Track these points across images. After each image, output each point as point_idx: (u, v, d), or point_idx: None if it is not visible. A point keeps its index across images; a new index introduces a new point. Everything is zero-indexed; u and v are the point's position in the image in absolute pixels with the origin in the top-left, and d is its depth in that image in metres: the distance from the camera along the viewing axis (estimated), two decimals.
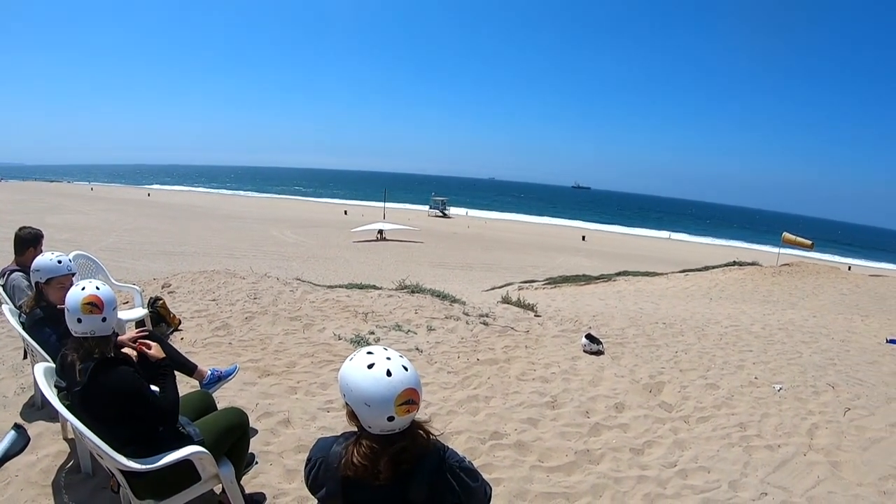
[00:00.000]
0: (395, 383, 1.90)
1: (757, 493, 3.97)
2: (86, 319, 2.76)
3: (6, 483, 3.41)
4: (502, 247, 48.44)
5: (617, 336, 7.84)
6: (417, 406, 1.97)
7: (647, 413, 5.23)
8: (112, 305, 2.86)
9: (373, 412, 1.92)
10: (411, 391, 1.92)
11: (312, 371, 5.69)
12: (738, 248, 64.69)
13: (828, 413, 5.52)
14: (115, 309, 2.89)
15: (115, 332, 3.17)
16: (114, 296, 2.91)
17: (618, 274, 19.72)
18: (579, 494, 3.82)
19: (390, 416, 1.91)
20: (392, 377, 1.91)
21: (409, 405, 1.93)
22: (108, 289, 2.90)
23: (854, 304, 13.79)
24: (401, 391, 1.90)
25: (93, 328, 2.79)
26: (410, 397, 1.92)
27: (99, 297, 2.80)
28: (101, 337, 2.83)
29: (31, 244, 4.80)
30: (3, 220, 33.42)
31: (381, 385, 1.90)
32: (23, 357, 5.06)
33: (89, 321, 2.77)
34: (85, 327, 2.78)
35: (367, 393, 1.91)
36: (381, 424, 1.94)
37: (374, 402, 1.91)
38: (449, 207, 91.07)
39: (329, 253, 36.31)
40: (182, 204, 73.06)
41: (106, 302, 2.82)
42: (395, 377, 1.91)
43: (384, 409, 1.90)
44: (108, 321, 2.84)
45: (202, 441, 2.90)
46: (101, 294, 2.82)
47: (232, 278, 9.22)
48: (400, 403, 1.90)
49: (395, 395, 1.89)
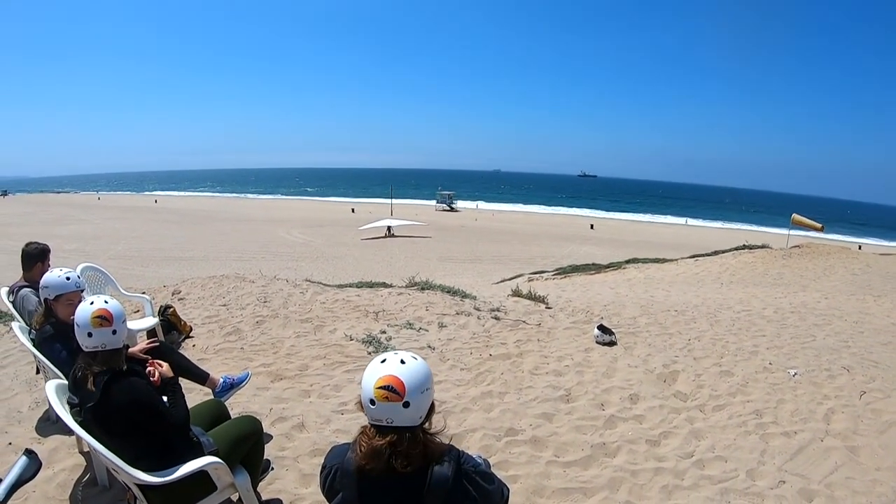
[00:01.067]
0: (382, 368, 1.99)
1: (775, 481, 3.94)
2: (96, 333, 2.76)
3: (24, 499, 3.43)
4: (511, 238, 48.38)
5: (629, 325, 7.81)
6: (399, 398, 1.97)
7: (663, 403, 5.20)
8: (121, 318, 2.86)
9: (363, 395, 2.01)
10: (392, 378, 1.97)
11: (325, 373, 5.68)
12: (747, 231, 64.41)
13: (843, 397, 5.49)
14: (125, 321, 2.89)
15: (126, 344, 3.17)
16: (122, 309, 2.91)
17: (627, 261, 19.62)
18: (596, 489, 3.81)
19: (371, 398, 1.97)
20: (383, 364, 2.01)
21: (387, 391, 1.96)
22: (117, 302, 2.91)
23: (866, 284, 13.67)
24: (382, 375, 1.97)
25: (103, 342, 2.79)
26: (390, 384, 1.96)
27: (108, 311, 2.80)
28: (112, 350, 2.83)
29: (38, 259, 4.79)
30: (12, 233, 33.67)
31: (371, 371, 2.00)
32: (36, 372, 5.08)
33: (99, 335, 2.77)
34: (96, 341, 2.78)
35: (363, 379, 2.01)
36: (368, 410, 2.01)
37: (363, 383, 2.01)
38: (456, 201, 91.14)
39: (338, 252, 36.38)
40: (189, 209, 73.35)
41: (115, 315, 2.82)
42: (386, 364, 2.00)
43: (367, 392, 1.98)
44: (118, 334, 2.84)
45: (216, 451, 2.90)
46: (110, 307, 2.83)
47: (242, 282, 9.23)
48: (378, 386, 1.95)
49: (377, 377, 1.97)
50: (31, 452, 1.87)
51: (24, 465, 1.84)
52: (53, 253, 5.03)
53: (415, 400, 1.98)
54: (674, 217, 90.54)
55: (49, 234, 36.30)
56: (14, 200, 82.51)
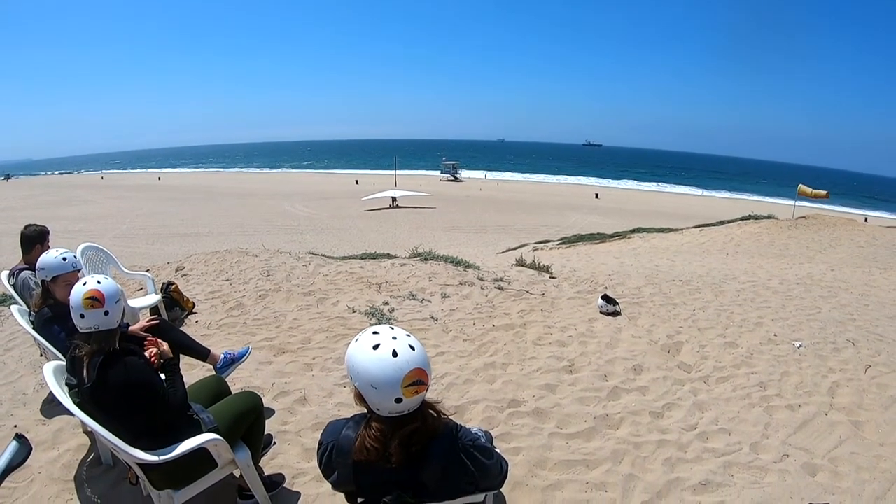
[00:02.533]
0: (402, 364, 1.86)
1: (779, 454, 3.92)
2: (88, 315, 2.73)
3: (30, 481, 3.45)
4: (515, 208, 48.29)
5: (633, 296, 7.78)
6: (426, 386, 1.93)
7: (666, 374, 5.18)
8: (114, 298, 2.81)
9: (380, 394, 1.89)
10: (419, 371, 1.89)
11: (328, 346, 5.68)
12: (753, 201, 64.11)
13: (848, 371, 5.45)
14: (119, 301, 2.83)
15: (127, 323, 3.15)
16: (117, 288, 2.87)
17: (632, 231, 19.55)
18: (599, 461, 3.80)
19: (398, 397, 1.88)
20: (398, 358, 1.87)
21: (416, 386, 1.89)
22: (112, 282, 2.86)
23: (872, 256, 13.59)
24: (407, 372, 1.86)
25: (96, 323, 2.75)
26: (418, 378, 1.89)
27: (99, 291, 2.76)
28: (106, 331, 2.79)
29: (37, 241, 4.77)
30: (16, 216, 33.67)
31: (387, 366, 1.86)
32: (40, 354, 5.10)
33: (92, 316, 2.73)
34: (88, 322, 2.74)
35: (373, 375, 1.87)
36: (389, 406, 1.91)
37: (381, 384, 1.87)
38: (461, 171, 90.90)
39: (342, 224, 36.40)
40: (193, 185, 73.36)
41: (107, 295, 2.77)
42: (402, 357, 1.87)
43: (391, 392, 1.87)
44: (111, 315, 2.79)
45: (216, 428, 2.88)
46: (102, 288, 2.78)
47: (245, 257, 9.22)
48: (407, 385, 1.87)
49: (402, 377, 1.86)
50: (22, 437, 1.85)
51: (14, 451, 1.82)
52: (60, 234, 5.00)
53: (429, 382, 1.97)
54: (681, 186, 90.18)
55: (54, 215, 36.40)
56: (17, 184, 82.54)
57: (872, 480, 3.69)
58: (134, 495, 3.33)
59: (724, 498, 3.45)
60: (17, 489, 3.37)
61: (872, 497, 3.52)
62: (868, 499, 3.51)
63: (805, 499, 3.41)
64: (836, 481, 3.68)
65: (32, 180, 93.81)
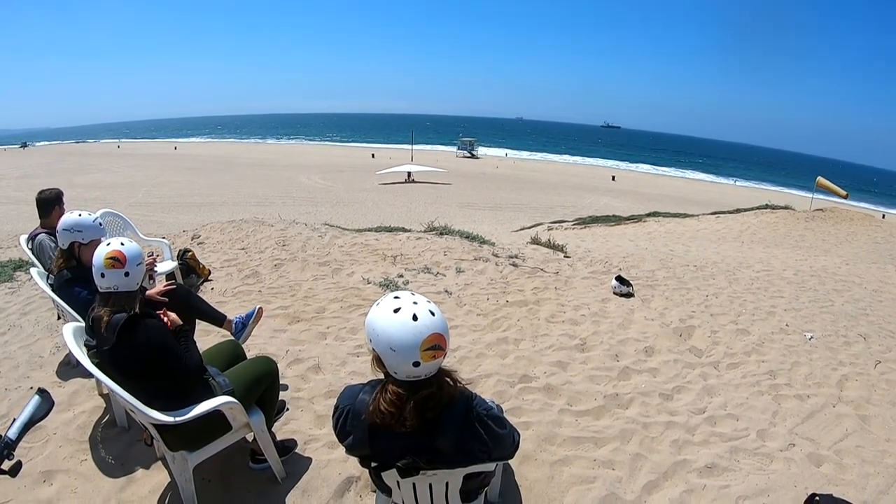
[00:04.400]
0: (421, 328, 1.89)
1: (785, 443, 3.93)
2: (108, 274, 2.76)
3: (45, 441, 3.52)
4: (531, 187, 48.15)
5: (647, 278, 7.79)
6: (444, 352, 1.96)
7: (677, 358, 5.19)
8: (136, 261, 2.84)
9: (398, 357, 1.91)
10: (437, 336, 1.91)
11: (342, 316, 5.73)
12: (770, 191, 63.46)
13: (858, 365, 5.44)
14: (140, 264, 2.87)
15: (144, 287, 3.18)
16: (139, 251, 2.90)
17: (648, 215, 19.47)
18: (608, 439, 3.83)
19: (416, 361, 1.91)
20: (418, 322, 1.90)
21: (434, 350, 1.91)
22: (134, 245, 2.89)
23: (888, 253, 13.45)
24: (427, 336, 1.89)
25: (116, 283, 2.79)
26: (436, 342, 1.91)
27: (121, 252, 2.79)
28: (126, 293, 2.82)
29: (55, 203, 4.83)
30: (33, 184, 33.93)
31: (406, 329, 1.89)
32: (57, 318, 5.17)
33: (112, 276, 2.77)
34: (109, 282, 2.77)
35: (393, 338, 1.90)
36: (407, 370, 1.94)
37: (400, 346, 1.90)
38: (478, 148, 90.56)
39: (358, 197, 36.44)
40: (209, 155, 73.56)
41: (130, 257, 2.80)
42: (422, 322, 1.90)
43: (410, 355, 1.90)
44: (131, 276, 2.82)
45: (232, 391, 2.92)
46: (125, 249, 2.81)
47: (261, 226, 9.27)
48: (426, 349, 1.89)
49: (421, 340, 1.89)
50: (44, 391, 1.89)
51: (36, 405, 1.86)
52: (75, 201, 5.05)
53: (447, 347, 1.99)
54: (699, 173, 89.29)
55: (70, 183, 36.66)
56: (34, 151, 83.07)
57: (876, 474, 3.70)
58: (148, 456, 3.41)
59: (728, 482, 3.47)
60: (33, 448, 3.44)
61: (876, 491, 3.53)
62: (871, 492, 3.51)
63: (809, 488, 3.41)
64: (841, 473, 3.69)
65: (48, 148, 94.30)
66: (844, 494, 3.33)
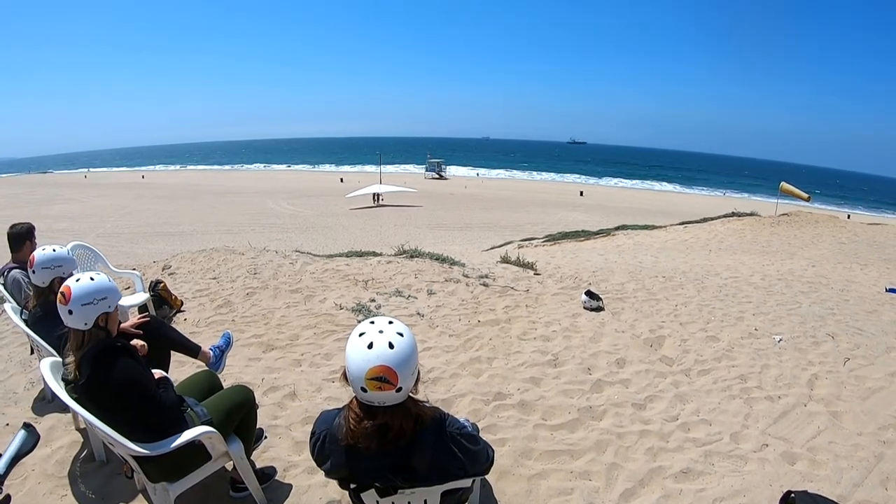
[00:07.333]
0: (370, 357, 1.91)
1: (758, 444, 4.02)
2: (61, 310, 2.70)
3: (24, 478, 3.47)
4: (500, 205, 48.43)
5: (617, 291, 7.89)
6: (393, 386, 1.94)
7: (649, 367, 5.27)
8: (83, 301, 2.70)
9: (351, 379, 1.97)
10: (384, 369, 1.91)
11: (316, 342, 5.74)
12: (736, 198, 64.60)
13: (828, 363, 5.56)
14: (88, 305, 2.72)
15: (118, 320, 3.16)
16: (96, 290, 2.76)
17: (617, 228, 19.69)
18: (583, 451, 3.88)
19: (362, 387, 1.94)
20: (371, 351, 1.92)
21: (380, 382, 1.92)
22: (93, 284, 2.77)
23: (853, 252, 13.77)
24: (372, 367, 1.90)
25: (65, 320, 2.72)
26: (382, 374, 1.91)
27: (69, 288, 2.70)
28: (76, 331, 2.75)
29: (26, 238, 4.77)
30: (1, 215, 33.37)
31: (359, 355, 1.93)
32: (30, 353, 5.09)
33: (62, 311, 2.71)
34: (63, 319, 2.72)
35: (349, 359, 1.95)
36: (359, 394, 1.99)
37: (351, 370, 1.95)
38: (446, 168, 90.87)
39: (327, 221, 36.38)
40: (177, 183, 72.89)
41: (76, 296, 2.68)
42: (374, 352, 1.92)
43: (357, 380, 1.94)
44: (75, 315, 2.69)
45: (210, 421, 2.93)
46: (75, 286, 2.71)
47: (231, 255, 9.22)
48: (370, 378, 1.91)
49: (367, 369, 1.91)
50: (30, 426, 1.91)
51: (23, 439, 1.87)
52: (44, 233, 5.02)
53: (406, 382, 1.98)
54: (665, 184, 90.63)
55: (38, 214, 35.98)
56: None
57: (850, 468, 3.79)
58: (129, 489, 3.38)
59: (704, 485, 3.55)
60: (12, 486, 3.37)
61: (850, 484, 3.62)
62: (846, 486, 3.60)
63: (784, 486, 3.48)
64: (815, 469, 3.78)
65: (14, 179, 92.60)
66: (820, 490, 3.41)
